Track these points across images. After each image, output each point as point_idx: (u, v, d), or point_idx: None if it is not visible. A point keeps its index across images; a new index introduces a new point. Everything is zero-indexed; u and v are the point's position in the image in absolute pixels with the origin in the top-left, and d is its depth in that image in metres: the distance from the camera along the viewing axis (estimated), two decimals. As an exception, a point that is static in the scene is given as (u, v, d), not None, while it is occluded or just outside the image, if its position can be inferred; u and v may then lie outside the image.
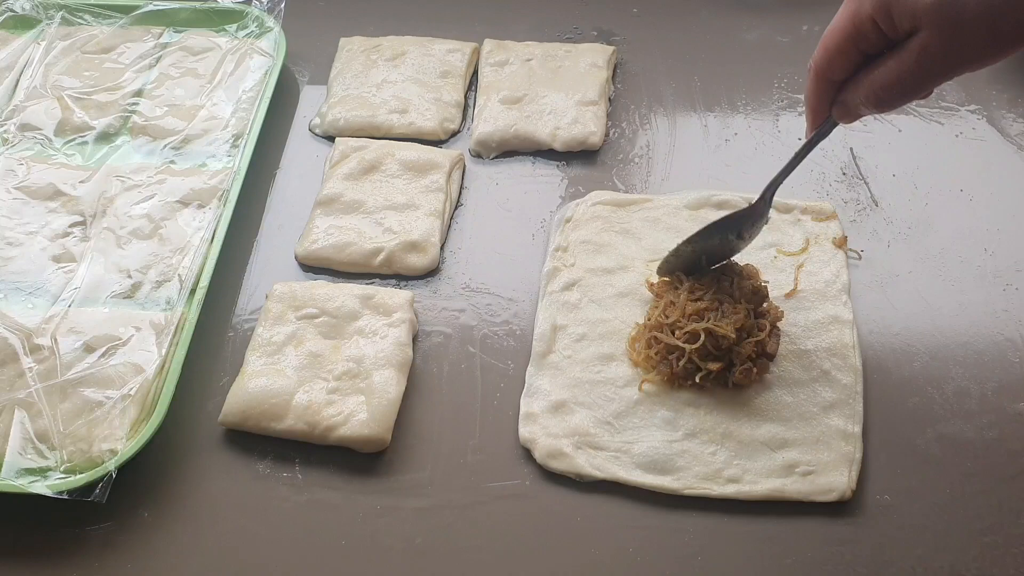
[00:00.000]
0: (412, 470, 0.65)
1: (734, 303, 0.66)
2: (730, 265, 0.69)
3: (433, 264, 0.75)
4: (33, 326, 0.70)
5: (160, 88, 0.87)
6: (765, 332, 0.66)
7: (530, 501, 0.63)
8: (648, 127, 0.85)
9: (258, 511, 0.63)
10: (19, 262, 0.75)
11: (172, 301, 0.71)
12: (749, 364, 0.65)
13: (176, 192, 0.78)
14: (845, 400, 0.65)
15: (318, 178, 0.82)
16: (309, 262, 0.76)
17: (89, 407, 0.65)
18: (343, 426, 0.65)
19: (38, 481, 0.62)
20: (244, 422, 0.66)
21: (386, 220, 0.77)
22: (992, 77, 0.87)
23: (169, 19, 0.93)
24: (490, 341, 0.71)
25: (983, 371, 0.67)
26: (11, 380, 0.67)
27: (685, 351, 0.65)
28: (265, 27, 0.91)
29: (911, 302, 0.72)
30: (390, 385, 0.66)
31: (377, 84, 0.87)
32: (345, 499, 0.63)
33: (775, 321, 0.67)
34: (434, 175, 0.80)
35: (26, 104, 0.86)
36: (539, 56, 0.89)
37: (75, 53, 0.90)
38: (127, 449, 0.63)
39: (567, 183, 0.81)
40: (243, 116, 0.84)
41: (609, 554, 0.60)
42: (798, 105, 0.85)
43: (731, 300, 0.66)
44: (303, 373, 0.67)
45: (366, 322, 0.70)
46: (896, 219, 0.77)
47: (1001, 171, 0.79)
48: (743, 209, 0.68)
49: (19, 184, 0.79)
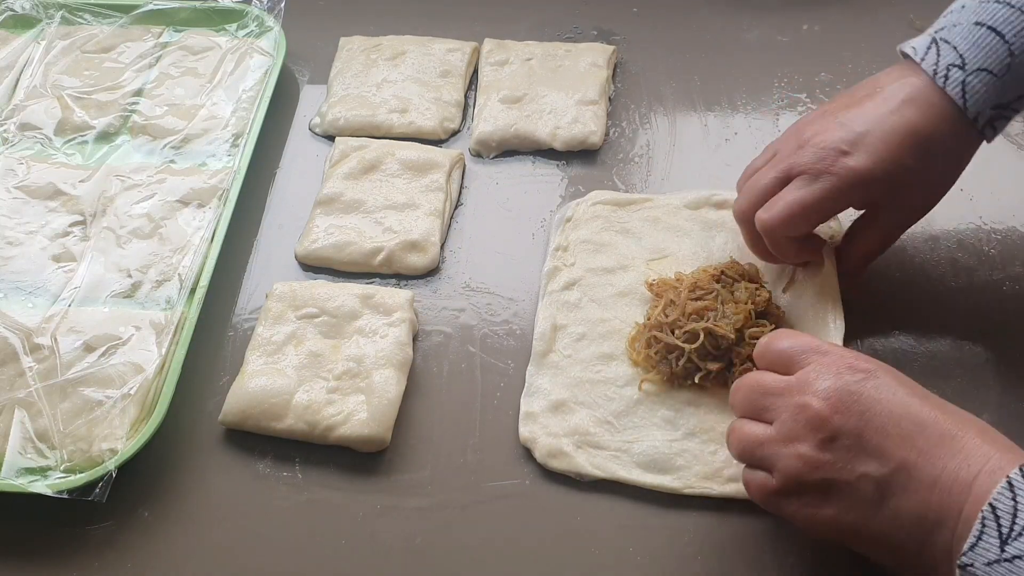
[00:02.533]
0: (412, 469, 0.65)
1: (735, 303, 0.66)
2: (732, 264, 0.69)
3: (433, 264, 0.75)
4: (33, 325, 0.70)
5: (160, 87, 0.87)
6: (766, 332, 0.66)
7: (530, 500, 0.63)
8: (648, 126, 0.85)
9: (258, 511, 0.63)
10: (19, 261, 0.75)
11: (172, 300, 0.71)
12: (749, 364, 0.65)
13: (176, 191, 0.78)
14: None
15: (318, 177, 0.82)
16: (309, 261, 0.76)
17: (89, 406, 0.65)
18: (343, 425, 0.65)
19: (38, 480, 0.62)
20: (244, 421, 0.66)
21: (386, 219, 0.77)
22: (992, 76, 0.87)
23: (169, 19, 0.93)
24: (490, 340, 0.71)
25: (983, 371, 0.67)
26: (11, 379, 0.67)
27: (685, 351, 0.65)
28: (265, 26, 0.91)
29: (910, 301, 0.72)
30: (390, 385, 0.66)
31: (377, 83, 0.87)
32: (345, 498, 0.63)
33: (776, 322, 0.67)
34: (434, 174, 0.80)
35: (26, 103, 0.86)
36: (539, 55, 0.89)
37: (75, 52, 0.90)
38: (127, 448, 0.63)
39: (567, 182, 0.81)
40: (243, 115, 0.84)
41: (609, 553, 0.60)
42: (798, 104, 0.85)
43: (732, 300, 0.66)
44: (303, 372, 0.67)
45: (366, 321, 0.70)
46: (896, 218, 0.77)
47: (1001, 170, 0.79)
48: None
49: (19, 183, 0.79)
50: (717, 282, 0.68)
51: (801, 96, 0.86)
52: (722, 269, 0.69)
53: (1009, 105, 0.61)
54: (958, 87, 0.60)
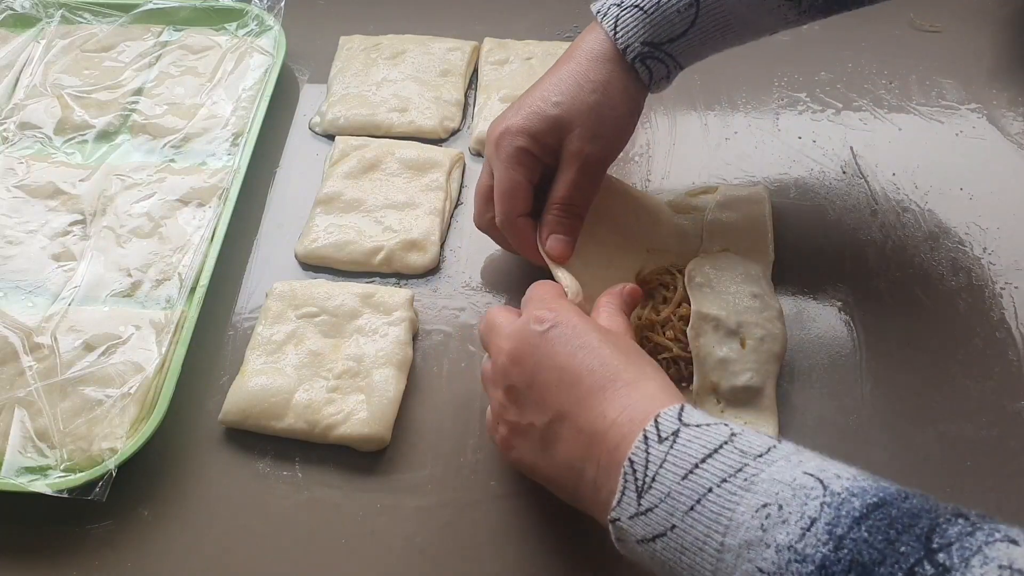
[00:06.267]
0: (412, 469, 0.65)
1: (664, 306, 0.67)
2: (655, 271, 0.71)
3: (433, 263, 0.75)
4: (33, 325, 0.70)
5: (160, 86, 0.87)
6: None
7: (530, 500, 0.63)
8: (648, 125, 0.85)
9: (258, 509, 0.63)
10: (19, 261, 0.75)
11: (172, 300, 0.71)
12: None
13: (176, 191, 0.78)
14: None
15: (318, 177, 0.82)
16: (309, 261, 0.76)
17: (89, 406, 0.65)
18: (343, 425, 0.65)
19: (38, 480, 0.62)
20: (244, 421, 0.66)
21: (386, 219, 0.77)
22: (992, 76, 0.87)
23: (169, 17, 0.93)
24: (490, 340, 0.71)
25: (983, 370, 0.67)
26: (11, 379, 0.67)
27: (673, 349, 0.65)
28: (265, 25, 0.91)
29: (910, 301, 0.72)
30: (390, 384, 0.66)
31: (377, 83, 0.87)
32: (345, 497, 0.63)
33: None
34: (434, 174, 0.80)
35: (26, 102, 0.86)
36: (539, 55, 0.89)
37: (75, 51, 0.90)
38: (127, 447, 0.63)
39: (567, 182, 0.81)
40: (243, 114, 0.84)
41: (609, 552, 0.60)
42: (798, 104, 0.85)
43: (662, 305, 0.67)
44: (303, 372, 0.67)
45: (366, 321, 0.70)
46: (896, 218, 0.77)
47: (1001, 170, 0.79)
48: None
49: (19, 183, 0.79)
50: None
51: (801, 96, 0.86)
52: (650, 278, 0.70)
53: (661, 46, 0.64)
54: (611, 21, 0.64)
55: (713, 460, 0.45)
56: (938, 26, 0.92)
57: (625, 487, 0.47)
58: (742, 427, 0.47)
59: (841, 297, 0.72)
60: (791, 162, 0.81)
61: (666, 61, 0.65)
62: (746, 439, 0.46)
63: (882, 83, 0.87)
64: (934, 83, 0.87)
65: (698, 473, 0.45)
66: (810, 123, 0.84)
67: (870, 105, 0.85)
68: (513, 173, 0.64)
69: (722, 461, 0.45)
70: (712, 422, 0.48)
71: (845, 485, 0.42)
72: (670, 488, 0.45)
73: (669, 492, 0.45)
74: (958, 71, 0.88)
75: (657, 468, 0.46)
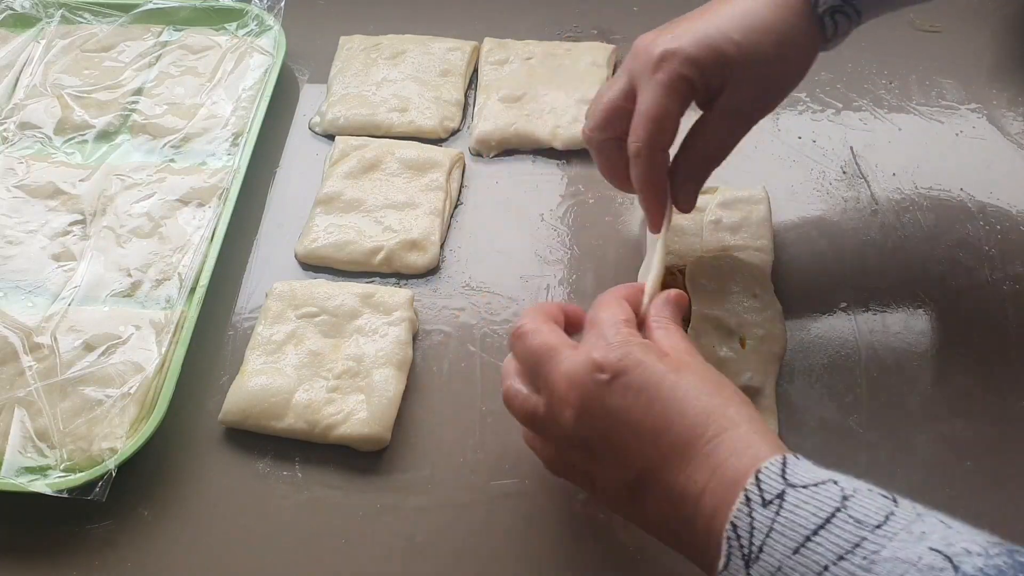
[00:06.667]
0: (412, 469, 0.65)
1: None
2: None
3: (433, 263, 0.75)
4: (33, 325, 0.70)
5: (160, 86, 0.87)
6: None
7: (530, 500, 0.63)
8: (648, 126, 0.84)
9: (258, 509, 0.63)
10: (19, 261, 0.75)
11: (172, 300, 0.71)
12: None
13: (176, 190, 0.78)
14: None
15: (318, 176, 0.82)
16: (309, 261, 0.76)
17: (89, 405, 0.65)
18: (343, 425, 0.65)
19: (38, 479, 0.62)
20: (244, 421, 0.66)
21: (386, 218, 0.77)
22: (992, 76, 0.87)
23: (169, 17, 0.93)
24: (490, 340, 0.71)
25: (983, 370, 0.67)
26: (11, 379, 0.67)
27: None
28: (265, 25, 0.91)
29: (910, 301, 0.72)
30: (390, 384, 0.66)
31: (377, 82, 0.87)
32: (345, 497, 0.63)
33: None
34: (434, 173, 0.80)
35: (26, 102, 0.86)
36: (539, 55, 0.89)
37: (75, 51, 0.90)
38: (127, 447, 0.63)
39: (567, 182, 0.81)
40: (243, 114, 0.84)
41: (609, 552, 0.60)
42: (798, 104, 0.85)
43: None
44: (303, 372, 0.67)
45: (366, 321, 0.70)
46: (896, 218, 0.77)
47: (1001, 170, 0.79)
48: None
49: (19, 183, 0.79)
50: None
51: (801, 95, 0.86)
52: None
53: (850, 2, 0.59)
54: None
55: (827, 532, 0.41)
56: (938, 26, 0.92)
57: (731, 553, 0.43)
58: (852, 484, 0.43)
59: (841, 297, 0.72)
60: (791, 162, 0.81)
61: (850, 14, 0.59)
62: (860, 503, 0.42)
63: (882, 83, 0.87)
64: (934, 83, 0.87)
65: (811, 548, 0.41)
66: (810, 123, 0.84)
67: (870, 105, 0.85)
68: (668, 101, 0.58)
69: (837, 534, 0.41)
70: (819, 480, 0.43)
71: (978, 565, 0.38)
72: (781, 562, 0.42)
73: (780, 567, 0.41)
74: (958, 71, 0.88)
75: (764, 537, 0.42)
